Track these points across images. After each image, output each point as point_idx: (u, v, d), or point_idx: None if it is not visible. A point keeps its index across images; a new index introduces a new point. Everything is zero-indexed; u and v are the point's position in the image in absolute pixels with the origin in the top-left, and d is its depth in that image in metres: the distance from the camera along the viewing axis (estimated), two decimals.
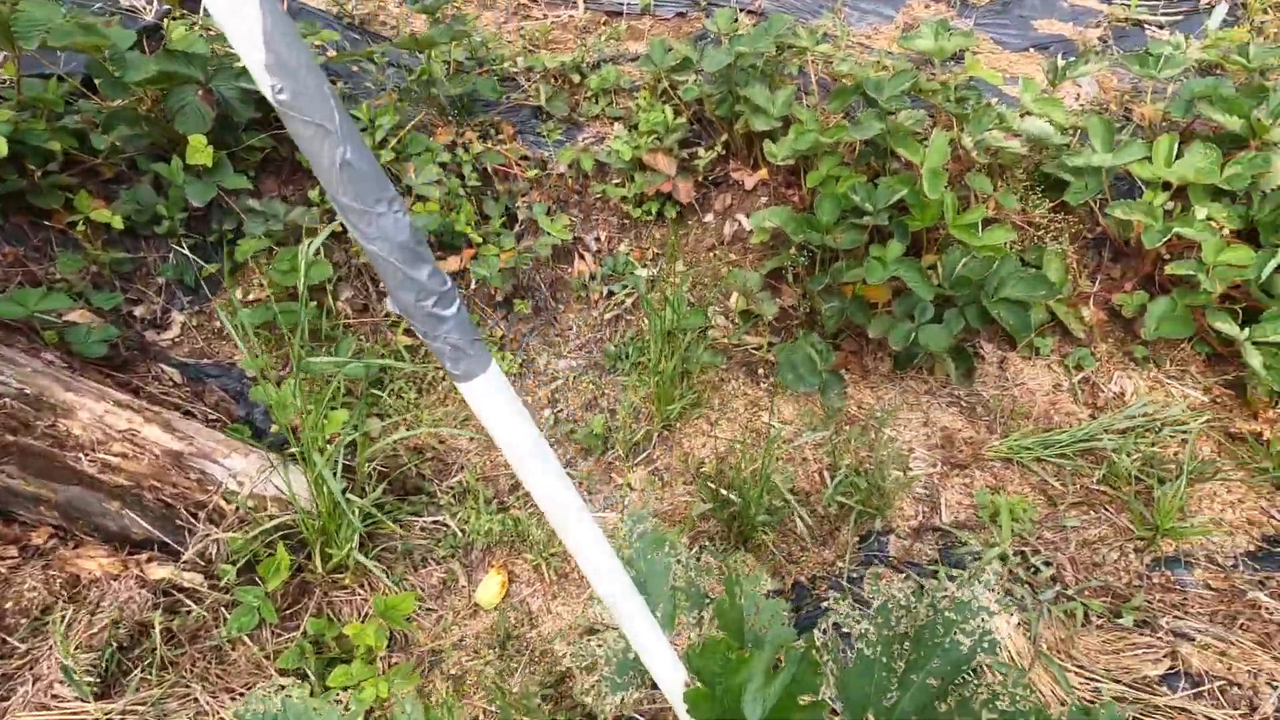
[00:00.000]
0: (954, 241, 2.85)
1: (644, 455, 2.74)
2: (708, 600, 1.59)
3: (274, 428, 2.59)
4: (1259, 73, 3.20)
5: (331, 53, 3.23)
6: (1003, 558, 2.40)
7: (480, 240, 2.95)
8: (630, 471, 2.70)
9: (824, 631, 1.72)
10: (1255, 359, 2.74)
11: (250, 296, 2.84)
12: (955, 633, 1.47)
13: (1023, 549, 2.46)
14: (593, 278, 3.08)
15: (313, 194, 2.86)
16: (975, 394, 2.90)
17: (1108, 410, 2.84)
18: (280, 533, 2.27)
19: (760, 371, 2.92)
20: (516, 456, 1.00)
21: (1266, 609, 2.27)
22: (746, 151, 3.17)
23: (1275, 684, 2.11)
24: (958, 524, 2.55)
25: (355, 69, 3.30)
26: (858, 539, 2.48)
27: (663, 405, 2.71)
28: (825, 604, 2.29)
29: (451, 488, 2.67)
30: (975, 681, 1.42)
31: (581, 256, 3.07)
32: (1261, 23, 3.71)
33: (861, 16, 3.59)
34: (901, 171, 3.01)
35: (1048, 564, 2.41)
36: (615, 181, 3.12)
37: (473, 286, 3.00)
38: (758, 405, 2.83)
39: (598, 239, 3.11)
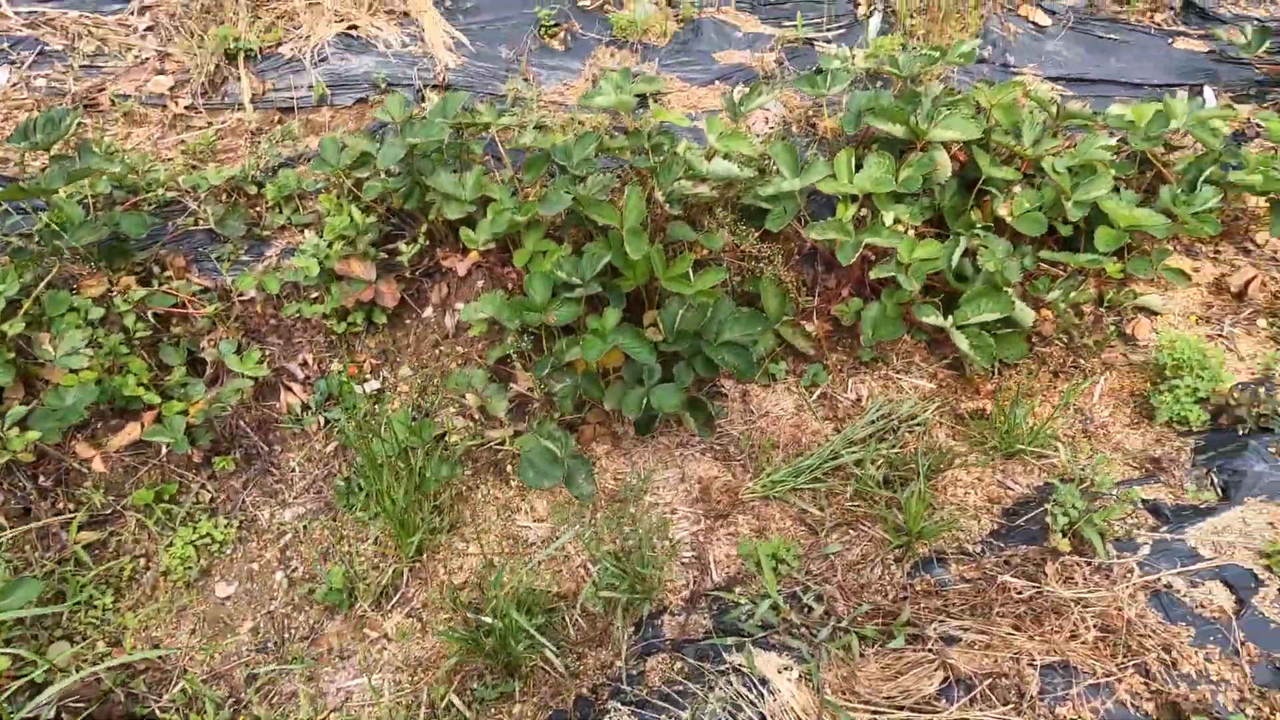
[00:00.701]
0: (670, 294, 2.83)
1: (398, 597, 2.47)
2: None
3: None
4: (910, 79, 3.46)
5: None
6: (774, 607, 2.36)
7: (159, 399, 2.56)
8: (384, 620, 2.42)
9: None
10: (963, 342, 2.93)
11: None
12: None
13: (794, 589, 2.44)
14: (306, 408, 2.77)
15: None
16: (725, 434, 2.88)
17: (849, 420, 2.93)
18: None
19: (509, 468, 2.74)
20: None
21: (1015, 589, 2.38)
22: (453, 237, 3.00)
23: (1035, 663, 2.20)
24: (729, 581, 2.49)
25: None
26: (633, 628, 2.35)
27: (405, 537, 2.45)
28: (607, 716, 2.13)
29: (174, 700, 2.26)
30: None
31: (288, 388, 2.75)
32: (911, 26, 4.07)
33: (550, 74, 3.54)
34: (613, 231, 2.96)
35: (819, 599, 2.40)
36: (311, 298, 2.83)
37: (164, 452, 2.60)
38: (511, 508, 2.64)
39: (304, 364, 2.81)
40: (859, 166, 3.10)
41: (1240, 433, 2.74)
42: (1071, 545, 2.42)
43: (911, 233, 3.07)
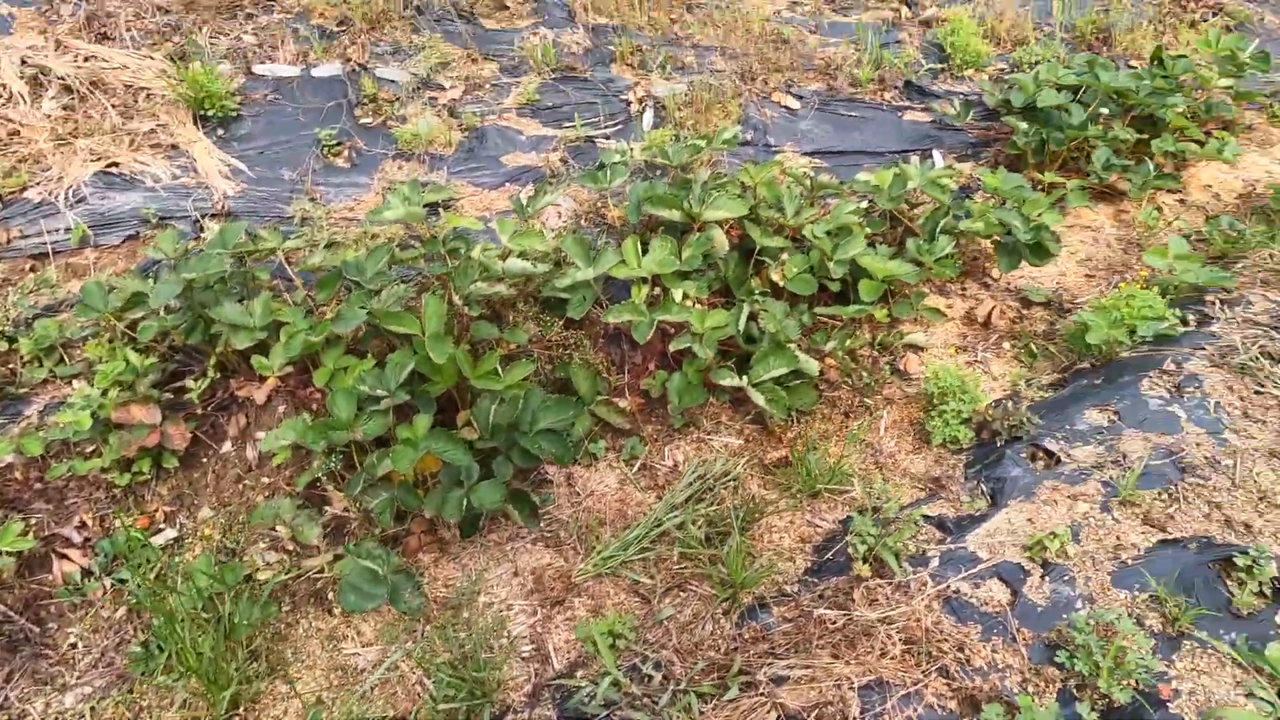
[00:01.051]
0: (481, 391, 2.88)
1: None
2: None
3: None
4: (681, 168, 3.81)
5: None
6: (615, 684, 2.39)
7: None
8: None
9: None
10: (759, 398, 3.18)
11: None
12: None
13: (633, 661, 2.49)
14: (89, 574, 2.53)
15: None
16: (554, 520, 2.93)
17: (669, 486, 3.07)
18: None
19: (331, 596, 2.63)
20: None
21: (830, 620, 2.56)
22: (247, 365, 2.90)
23: (854, 686, 2.36)
24: (571, 666, 2.50)
25: None
26: None
27: (217, 693, 2.27)
28: None
29: None
30: None
31: (64, 555, 2.51)
32: (680, 118, 4.49)
33: (338, 191, 3.58)
34: (416, 339, 2.99)
35: (657, 666, 2.46)
36: (86, 452, 2.63)
37: None
38: (336, 637, 2.53)
39: (82, 526, 2.58)
40: (646, 251, 3.35)
41: (998, 444, 3.15)
42: (872, 569, 2.65)
43: (700, 305, 3.34)
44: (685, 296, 3.34)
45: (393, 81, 3.98)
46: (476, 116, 4.04)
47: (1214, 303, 3.68)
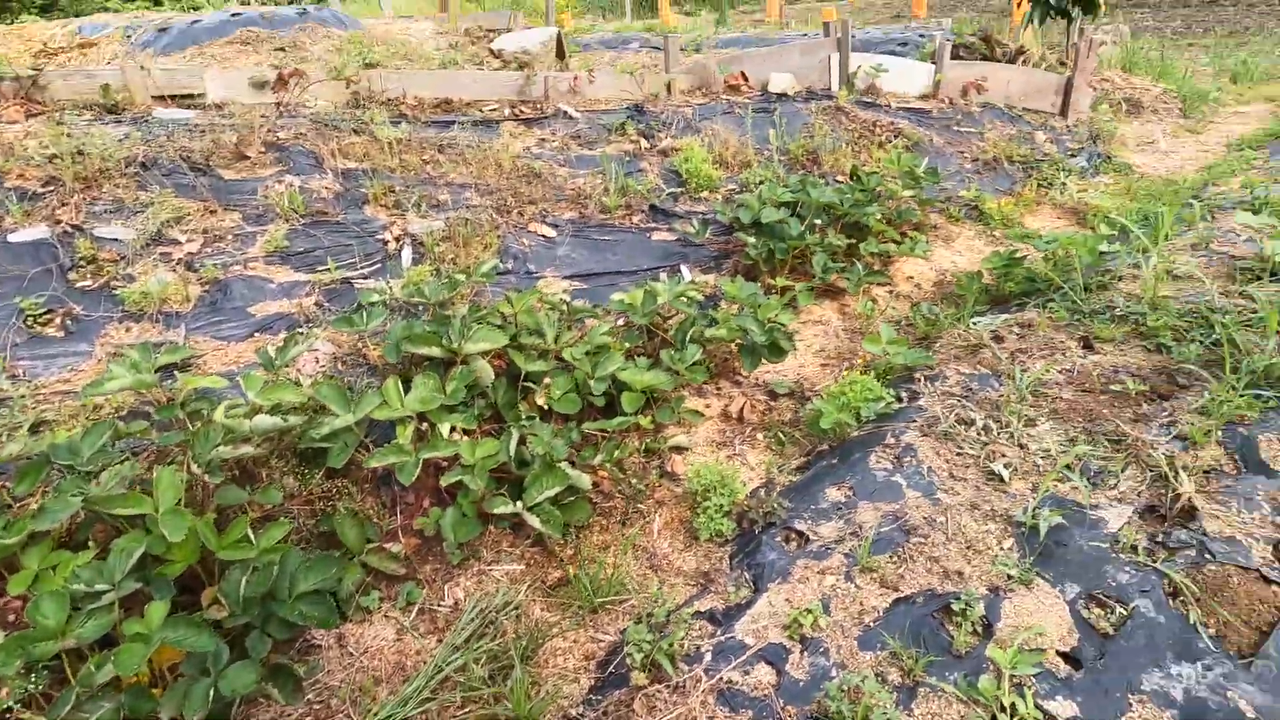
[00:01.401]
0: (231, 562, 2.69)
1: None
2: None
3: None
4: (439, 304, 3.92)
5: None
6: None
7: None
8: None
9: None
10: (535, 521, 3.23)
11: None
12: None
13: None
14: None
15: None
16: (324, 688, 2.75)
17: (450, 628, 3.00)
18: None
19: None
20: None
21: None
22: None
23: None
24: None
25: None
26: None
27: None
28: None
29: None
30: None
31: None
32: (440, 253, 4.63)
33: (49, 363, 3.26)
34: (150, 517, 2.74)
35: None
36: None
37: None
38: None
39: None
40: (409, 389, 3.36)
41: (756, 531, 3.42)
42: (650, 676, 2.73)
43: (471, 436, 3.38)
44: (454, 429, 3.38)
45: (117, 240, 3.76)
46: (218, 268, 3.90)
47: (920, 379, 4.32)
